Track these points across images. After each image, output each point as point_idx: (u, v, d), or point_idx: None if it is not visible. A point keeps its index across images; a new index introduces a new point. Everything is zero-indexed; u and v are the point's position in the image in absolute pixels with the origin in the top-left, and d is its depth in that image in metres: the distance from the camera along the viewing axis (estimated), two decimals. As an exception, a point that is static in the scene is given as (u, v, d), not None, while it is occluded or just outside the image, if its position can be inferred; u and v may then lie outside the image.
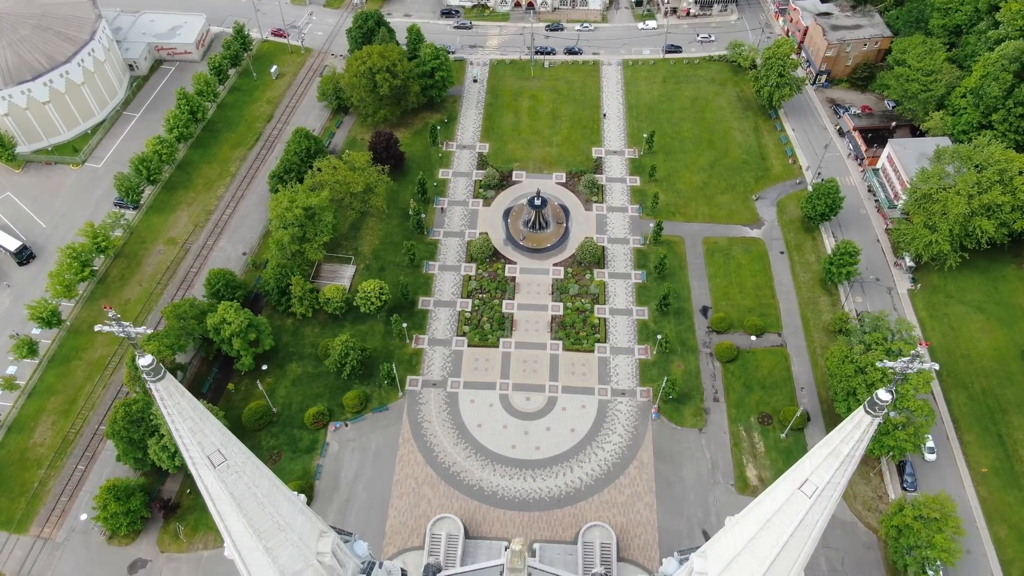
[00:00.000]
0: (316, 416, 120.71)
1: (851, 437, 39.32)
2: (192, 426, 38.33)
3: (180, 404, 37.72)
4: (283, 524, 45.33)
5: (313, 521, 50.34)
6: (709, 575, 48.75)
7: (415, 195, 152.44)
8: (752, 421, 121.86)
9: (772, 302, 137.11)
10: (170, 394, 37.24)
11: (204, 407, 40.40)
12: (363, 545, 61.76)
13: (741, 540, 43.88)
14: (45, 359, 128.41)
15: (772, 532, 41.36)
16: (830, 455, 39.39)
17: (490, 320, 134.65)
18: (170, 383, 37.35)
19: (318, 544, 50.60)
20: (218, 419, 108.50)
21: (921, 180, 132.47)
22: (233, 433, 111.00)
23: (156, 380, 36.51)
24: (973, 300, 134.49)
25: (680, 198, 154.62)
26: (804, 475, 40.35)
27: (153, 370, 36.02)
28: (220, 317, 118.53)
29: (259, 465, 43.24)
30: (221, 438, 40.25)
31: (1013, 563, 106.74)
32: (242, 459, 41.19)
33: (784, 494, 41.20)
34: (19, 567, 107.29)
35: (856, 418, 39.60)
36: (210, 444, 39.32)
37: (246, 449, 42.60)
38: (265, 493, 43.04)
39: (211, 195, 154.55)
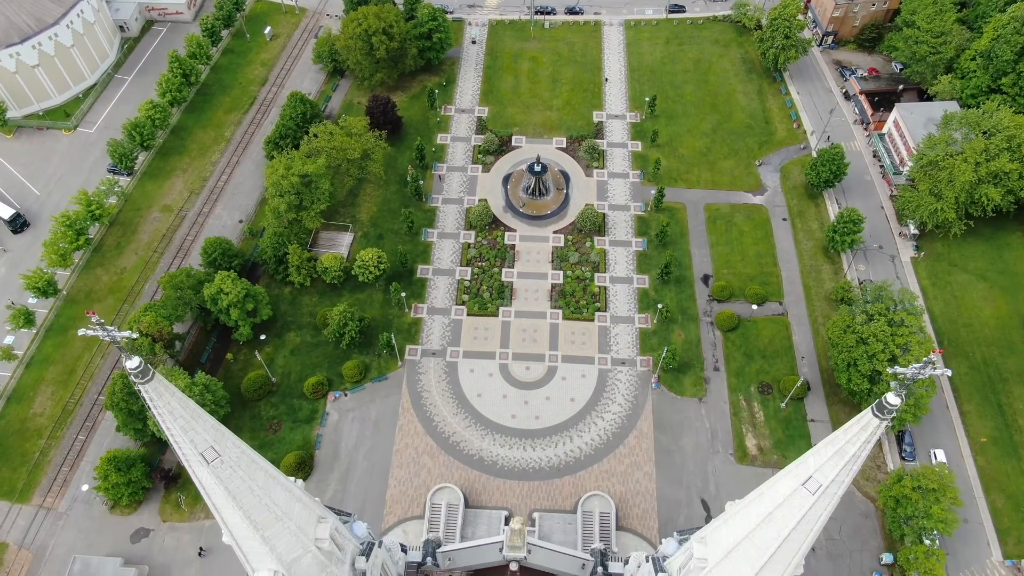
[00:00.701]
0: (315, 386, 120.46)
1: (857, 438, 38.62)
2: (183, 424, 37.56)
3: (170, 404, 36.89)
4: (280, 514, 44.91)
5: (311, 508, 49.97)
6: (709, 561, 48.48)
7: (413, 161, 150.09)
8: (752, 391, 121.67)
9: (774, 270, 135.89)
10: (159, 395, 36.39)
11: (196, 405, 39.55)
12: (362, 526, 61.64)
13: (742, 530, 43.51)
14: (42, 329, 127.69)
15: (775, 525, 40.95)
16: (835, 454, 38.74)
17: (489, 289, 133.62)
18: (159, 384, 36.47)
19: (316, 530, 50.34)
20: (218, 389, 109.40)
21: (928, 147, 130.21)
22: (233, 403, 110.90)
23: (145, 382, 35.61)
24: (977, 268, 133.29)
25: (682, 164, 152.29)
26: (808, 472, 39.77)
27: (141, 372, 35.10)
28: (217, 287, 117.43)
29: (255, 458, 42.63)
30: (214, 434, 39.52)
31: (1009, 532, 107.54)
32: (236, 454, 40.53)
33: (787, 488, 40.69)
34: (23, 536, 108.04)
35: (863, 420, 38.82)
36: (203, 441, 38.61)
37: (241, 443, 41.92)
38: (261, 485, 42.49)
39: (206, 161, 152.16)
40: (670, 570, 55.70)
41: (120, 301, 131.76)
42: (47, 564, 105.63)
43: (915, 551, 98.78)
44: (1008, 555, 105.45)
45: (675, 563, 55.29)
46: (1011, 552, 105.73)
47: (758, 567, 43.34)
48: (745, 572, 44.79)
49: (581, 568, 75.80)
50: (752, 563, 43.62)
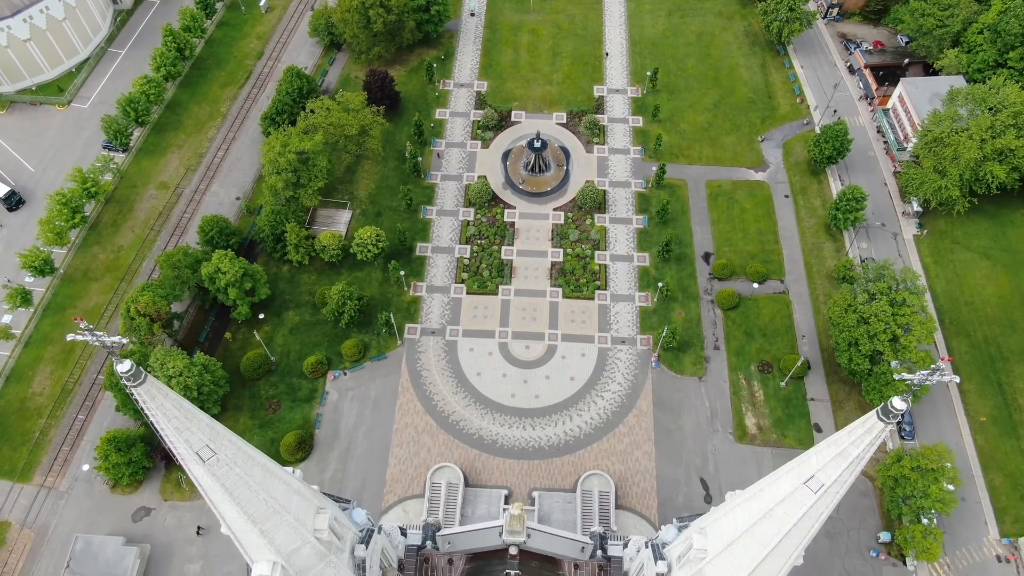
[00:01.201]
0: (315, 365, 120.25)
1: (861, 441, 38.21)
2: (177, 425, 37.10)
3: (164, 406, 36.39)
4: (278, 508, 44.72)
5: (309, 499, 49.75)
6: (709, 552, 48.38)
7: (411, 137, 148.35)
8: (752, 369, 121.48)
9: (775, 248, 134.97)
10: (152, 397, 35.87)
11: (190, 404, 39.02)
12: (361, 513, 61.61)
13: (743, 523, 43.33)
14: (40, 308, 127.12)
15: (775, 520, 40.74)
16: (839, 455, 38.37)
17: (489, 267, 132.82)
18: (151, 386, 35.94)
19: (315, 521, 50.23)
20: (217, 369, 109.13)
21: (933, 123, 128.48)
22: (232, 382, 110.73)
23: (137, 385, 35.05)
24: (980, 246, 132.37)
25: (683, 139, 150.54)
26: (810, 471, 39.42)
27: (133, 375, 34.54)
28: (214, 266, 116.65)
29: (252, 454, 42.27)
30: (209, 433, 39.08)
31: (1006, 511, 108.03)
32: (232, 451, 40.15)
33: (789, 486, 40.38)
34: (24, 515, 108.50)
35: (868, 423, 38.34)
36: (198, 441, 38.19)
37: (237, 439, 41.51)
38: (258, 481, 42.21)
39: (202, 137, 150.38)
40: (669, 557, 55.80)
41: (117, 280, 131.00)
42: (49, 543, 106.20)
43: (912, 530, 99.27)
44: (1005, 534, 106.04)
45: (674, 551, 55.34)
46: (1008, 531, 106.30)
47: (758, 560, 43.29)
48: (745, 564, 44.81)
49: (581, 551, 76.12)
50: (752, 556, 43.53)
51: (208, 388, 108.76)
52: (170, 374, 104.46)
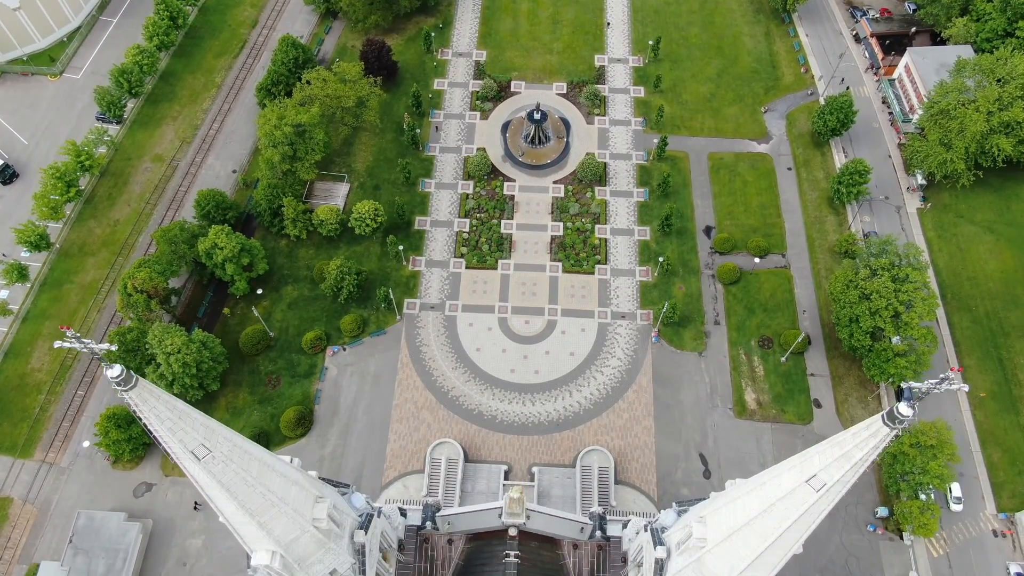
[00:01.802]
0: (314, 340, 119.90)
1: (865, 444, 37.73)
2: (171, 426, 36.63)
3: (156, 408, 35.87)
4: (276, 501, 44.50)
5: (308, 489, 49.53)
6: (708, 541, 48.28)
7: (409, 108, 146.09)
8: (752, 344, 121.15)
9: (777, 221, 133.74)
10: (144, 400, 35.33)
11: (183, 404, 38.43)
12: (360, 497, 61.56)
13: (743, 516, 43.15)
14: (37, 283, 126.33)
15: (776, 516, 40.52)
16: (842, 457, 37.93)
17: (488, 241, 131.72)
18: (143, 389, 35.36)
19: (314, 511, 50.13)
20: (216, 345, 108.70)
21: (939, 94, 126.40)
22: (231, 358, 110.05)
23: (128, 389, 34.45)
24: (984, 220, 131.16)
25: (686, 110, 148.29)
26: (812, 470, 39.03)
27: (123, 380, 33.93)
28: (211, 242, 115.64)
29: (248, 448, 41.89)
30: (204, 432, 38.63)
31: (1004, 486, 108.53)
32: (228, 448, 39.76)
33: (791, 483, 40.03)
34: (26, 491, 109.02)
35: (873, 427, 37.80)
36: (192, 440, 37.77)
37: (233, 435, 41.09)
38: (255, 475, 41.92)
39: (196, 108, 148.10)
40: (669, 543, 55.85)
41: (114, 254, 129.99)
42: (52, 518, 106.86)
43: (910, 506, 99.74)
44: (1002, 508, 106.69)
45: (674, 537, 55.37)
46: (1005, 506, 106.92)
47: (757, 552, 43.21)
48: (744, 555, 44.75)
49: (580, 531, 76.45)
50: (752, 548, 43.43)
51: (207, 365, 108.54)
52: (168, 351, 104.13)
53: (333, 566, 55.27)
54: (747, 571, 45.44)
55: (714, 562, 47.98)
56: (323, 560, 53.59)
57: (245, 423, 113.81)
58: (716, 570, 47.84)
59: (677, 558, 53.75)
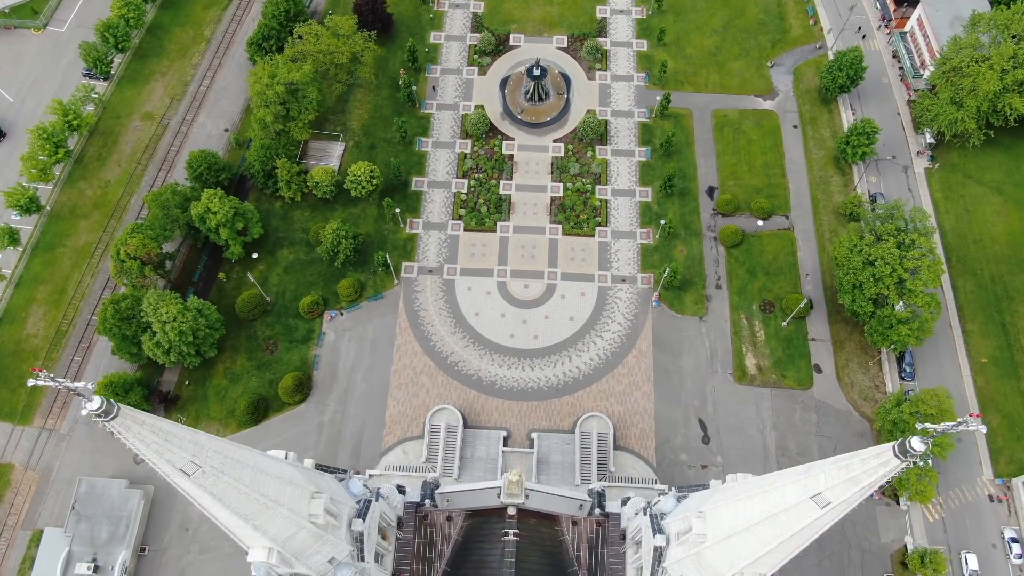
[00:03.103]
0: (311, 305, 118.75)
1: (874, 472, 36.80)
2: (157, 449, 35.57)
3: (141, 433, 34.76)
4: (270, 504, 43.70)
5: (303, 486, 48.90)
6: (708, 538, 47.88)
7: (405, 63, 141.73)
8: (754, 309, 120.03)
9: (781, 182, 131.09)
10: (127, 428, 34.20)
11: (170, 424, 37.30)
12: (357, 483, 61.20)
13: (743, 519, 42.57)
14: (28, 247, 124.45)
15: (778, 525, 39.92)
16: (849, 480, 37.03)
17: (487, 202, 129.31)
18: (125, 418, 34.16)
19: (310, 507, 49.47)
20: (212, 312, 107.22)
21: (952, 50, 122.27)
22: (228, 324, 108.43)
23: (110, 419, 33.27)
24: (992, 180, 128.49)
25: (689, 65, 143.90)
26: (818, 487, 38.19)
27: (104, 411, 32.69)
28: (204, 206, 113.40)
29: (241, 457, 40.99)
30: (192, 449, 37.60)
31: (1001, 451, 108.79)
32: (219, 460, 38.83)
33: (794, 496, 39.26)
34: (27, 458, 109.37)
35: (883, 456, 36.79)
36: (180, 459, 36.76)
37: (225, 445, 40.14)
38: (248, 483, 41.15)
39: (186, 63, 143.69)
40: (668, 531, 55.68)
41: (106, 217, 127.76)
42: (54, 485, 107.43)
43: (907, 472, 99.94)
44: (999, 474, 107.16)
45: (673, 526, 55.16)
46: (1002, 471, 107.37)
47: (757, 555, 42.83)
48: (744, 556, 44.42)
49: (579, 508, 76.56)
50: (752, 550, 43.02)
51: (204, 332, 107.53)
52: (164, 319, 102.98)
53: (331, 554, 55.20)
54: (747, 569, 45.26)
55: (714, 558, 47.81)
56: (321, 551, 53.45)
57: (244, 389, 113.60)
58: (716, 565, 47.70)
59: (676, 547, 53.64)
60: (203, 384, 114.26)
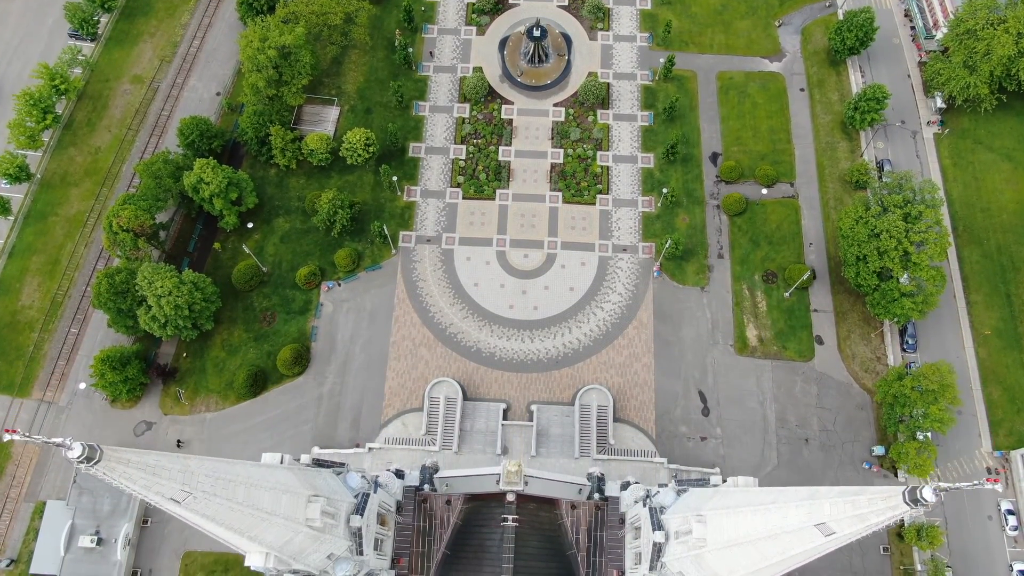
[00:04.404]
0: (308, 276, 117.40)
1: (881, 514, 35.86)
2: (145, 484, 34.71)
3: (126, 473, 33.93)
4: (265, 516, 43.06)
5: (300, 492, 48.28)
6: (708, 543, 47.51)
7: (400, 23, 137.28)
8: (756, 279, 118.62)
9: (787, 148, 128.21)
10: (112, 470, 33.37)
11: (156, 456, 36.32)
12: (355, 477, 60.84)
13: (745, 532, 41.98)
14: (20, 216, 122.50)
15: (780, 544, 39.35)
16: (855, 517, 36.14)
17: (486, 169, 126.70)
18: (109, 461, 33.15)
19: (307, 511, 48.94)
20: (208, 285, 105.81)
21: (967, 12, 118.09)
22: (224, 295, 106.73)
23: (94, 463, 32.27)
24: (1003, 147, 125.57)
25: (695, 24, 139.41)
26: (823, 516, 37.36)
27: (87, 457, 31.69)
28: (197, 176, 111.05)
29: (233, 475, 40.22)
30: (181, 477, 36.79)
31: (1001, 424, 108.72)
32: (210, 483, 38.06)
33: (797, 519, 38.53)
34: (27, 430, 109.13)
35: (893, 501, 35.80)
36: (169, 489, 35.92)
37: (217, 467, 39.32)
38: (242, 500, 40.41)
39: (175, 23, 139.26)
40: (668, 528, 55.44)
41: (98, 184, 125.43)
42: (54, 457, 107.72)
43: (907, 446, 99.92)
44: (998, 446, 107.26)
45: (672, 523, 54.91)
46: (1001, 443, 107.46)
47: (758, 567, 42.45)
48: (744, 565, 44.04)
49: (578, 492, 76.54)
50: (752, 561, 42.62)
51: (200, 306, 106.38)
52: (159, 293, 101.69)
53: (330, 551, 55.06)
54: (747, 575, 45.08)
55: (714, 561, 47.57)
56: (319, 550, 53.27)
57: (242, 361, 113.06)
58: (716, 568, 47.48)
59: (675, 545, 53.49)
60: (201, 356, 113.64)
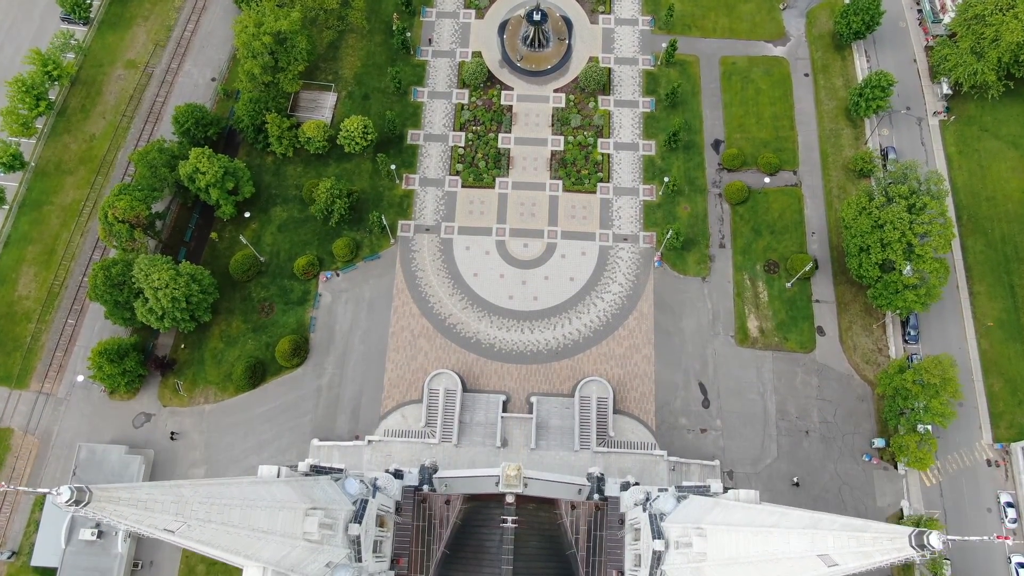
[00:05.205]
0: (306, 266, 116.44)
1: (886, 552, 35.23)
2: (137, 519, 34.10)
3: (118, 511, 33.27)
4: (262, 535, 42.61)
5: (297, 507, 47.82)
6: (708, 557, 47.18)
7: (398, 7, 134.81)
8: (758, 269, 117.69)
9: (790, 135, 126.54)
10: (103, 509, 32.71)
11: (147, 489, 35.72)
12: (353, 483, 60.44)
13: (746, 551, 41.55)
14: (15, 205, 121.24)
15: (782, 567, 38.85)
16: (860, 553, 35.60)
17: (485, 157, 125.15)
18: (99, 502, 32.54)
19: (304, 525, 48.53)
20: (205, 277, 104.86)
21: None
22: (222, 286, 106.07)
23: (84, 506, 31.69)
24: (1009, 134, 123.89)
25: (698, 7, 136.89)
26: (826, 547, 36.82)
27: (76, 500, 31.08)
28: (192, 166, 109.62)
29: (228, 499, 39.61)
30: (175, 507, 36.21)
31: (1002, 416, 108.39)
32: (204, 510, 37.56)
33: (800, 547, 38.01)
34: (26, 422, 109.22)
35: (899, 542, 35.15)
36: (161, 521, 35.37)
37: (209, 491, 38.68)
38: (238, 521, 39.92)
39: (168, 6, 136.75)
40: (667, 536, 55.12)
41: (93, 172, 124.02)
42: (54, 449, 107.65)
43: (907, 439, 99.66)
44: (998, 439, 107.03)
45: (672, 531, 54.57)
46: (1001, 436, 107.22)
47: (759, 587, 42.37)
48: (745, 582, 43.95)
49: (578, 492, 76.32)
50: (753, 580, 42.32)
51: (197, 298, 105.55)
52: (156, 286, 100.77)
53: (328, 559, 54.82)
54: (747, 590, 44.93)
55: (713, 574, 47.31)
56: (317, 560, 53.00)
57: (240, 352, 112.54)
58: (715, 581, 47.39)
59: (675, 555, 53.23)
60: (199, 347, 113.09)
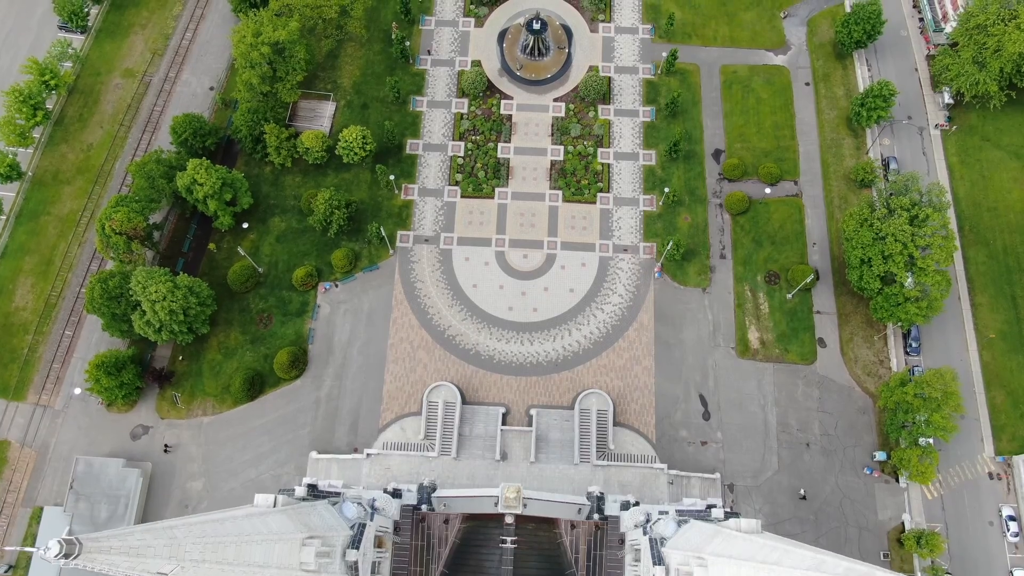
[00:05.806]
0: (305, 277, 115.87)
1: None
2: (130, 565, 33.57)
3: (109, 560, 32.75)
4: (258, 569, 42.05)
5: (294, 537, 47.22)
6: (709, 588, 46.60)
7: (397, 15, 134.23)
8: (759, 280, 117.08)
9: (791, 144, 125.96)
10: (95, 560, 32.23)
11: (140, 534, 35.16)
12: (351, 507, 59.90)
13: (748, 585, 40.96)
14: (12, 215, 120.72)
15: (783, 606, 38.33)
16: None
17: (485, 167, 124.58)
18: (90, 551, 32.01)
19: (300, 555, 47.88)
20: (204, 289, 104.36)
21: (978, 6, 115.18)
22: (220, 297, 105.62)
23: (75, 558, 31.17)
24: (1011, 144, 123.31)
25: (698, 16, 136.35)
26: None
27: (66, 554, 30.55)
28: (190, 177, 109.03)
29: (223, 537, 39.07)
30: (168, 550, 35.63)
31: (1004, 428, 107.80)
32: (199, 550, 36.95)
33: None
34: (23, 434, 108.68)
35: None
36: (155, 565, 34.83)
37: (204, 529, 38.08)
38: (233, 558, 39.32)
39: (166, 14, 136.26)
40: (668, 563, 54.57)
41: (90, 182, 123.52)
42: (51, 462, 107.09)
43: (909, 453, 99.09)
44: (1000, 451, 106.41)
45: (673, 558, 54.03)
46: (1003, 448, 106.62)
47: (761, 621, 41.81)
48: (746, 616, 43.34)
49: (577, 512, 75.77)
50: (755, 615, 41.78)
51: (195, 310, 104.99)
52: (153, 299, 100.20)
53: (325, 585, 54.25)
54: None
55: (714, 605, 46.92)
56: (314, 587, 52.46)
57: (238, 364, 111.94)
58: (716, 612, 46.81)
59: (675, 581, 52.79)
60: (197, 359, 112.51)
